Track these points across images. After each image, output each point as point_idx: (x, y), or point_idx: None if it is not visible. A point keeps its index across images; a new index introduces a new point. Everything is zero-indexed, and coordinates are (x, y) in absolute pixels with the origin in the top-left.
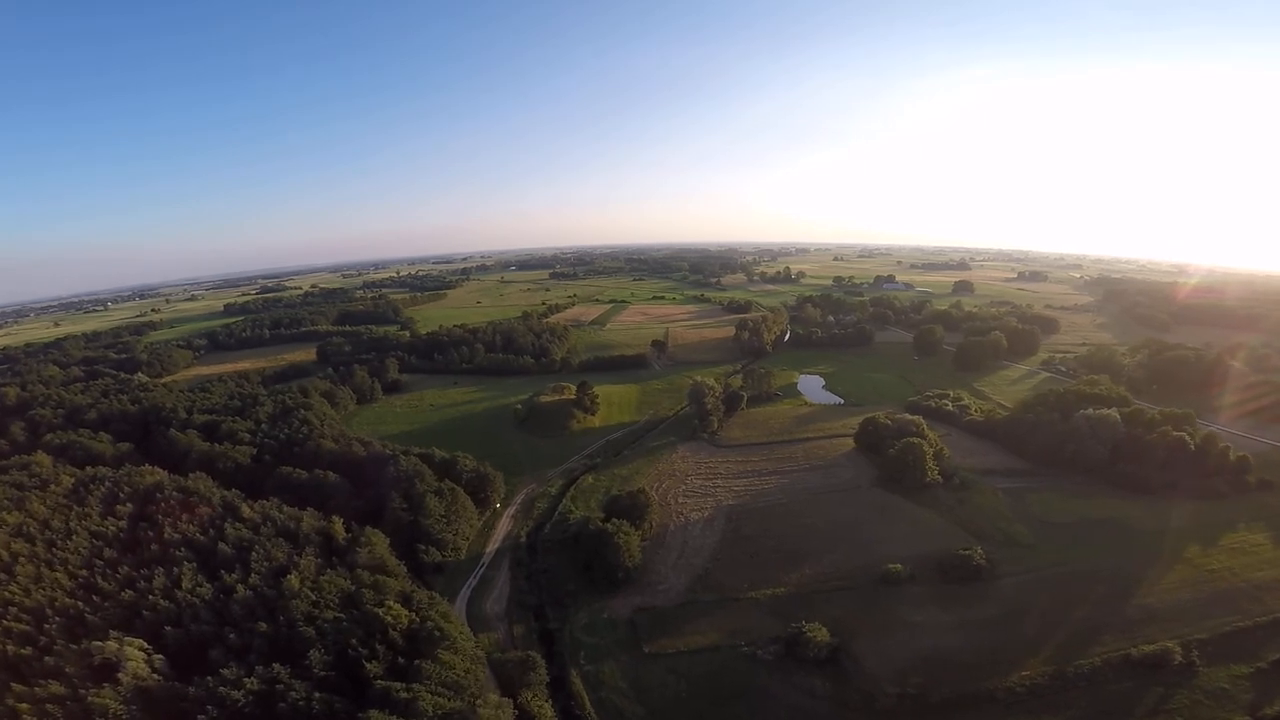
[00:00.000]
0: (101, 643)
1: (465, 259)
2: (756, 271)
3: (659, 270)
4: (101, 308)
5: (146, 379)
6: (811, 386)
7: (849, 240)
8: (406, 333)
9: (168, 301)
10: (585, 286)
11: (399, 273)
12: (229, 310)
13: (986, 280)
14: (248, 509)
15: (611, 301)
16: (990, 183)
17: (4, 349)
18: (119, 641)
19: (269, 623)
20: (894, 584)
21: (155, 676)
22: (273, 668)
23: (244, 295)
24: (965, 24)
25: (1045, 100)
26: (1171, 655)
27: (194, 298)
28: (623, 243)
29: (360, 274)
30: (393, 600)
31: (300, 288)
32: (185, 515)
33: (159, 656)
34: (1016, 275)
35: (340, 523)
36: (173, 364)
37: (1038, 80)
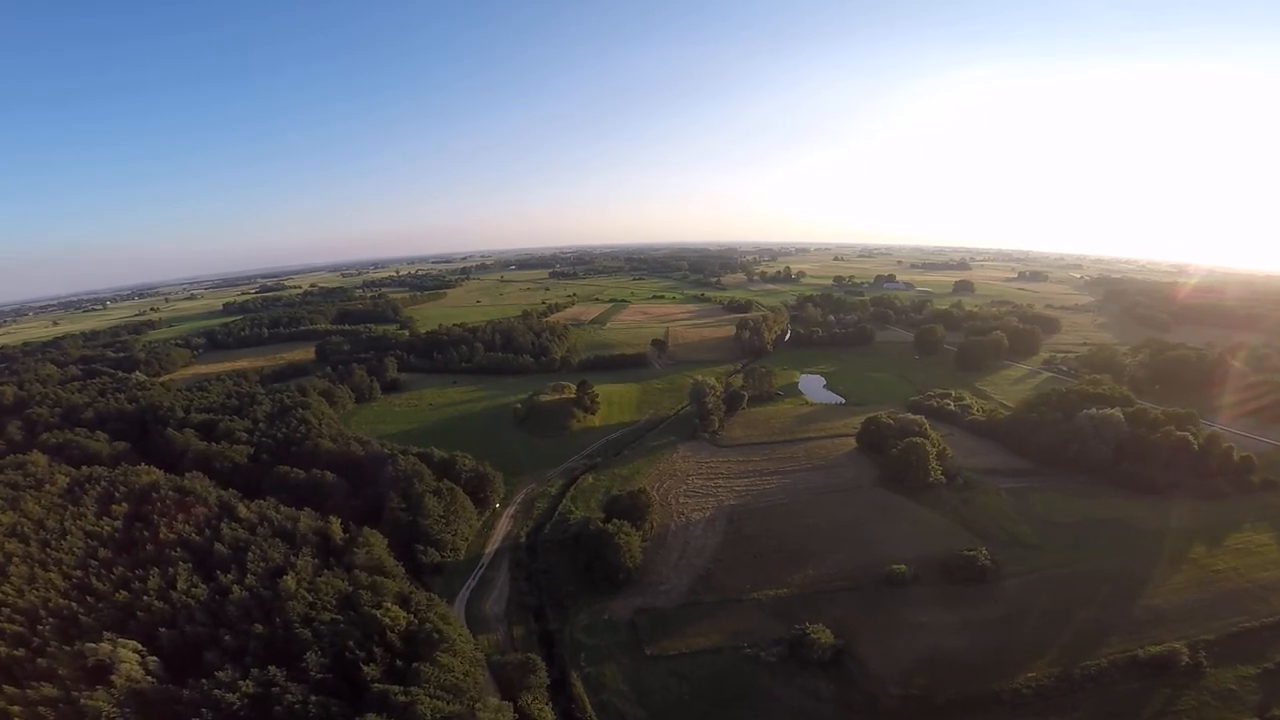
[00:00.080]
0: (95, 644)
1: (465, 258)
2: (756, 271)
3: (659, 270)
4: (100, 307)
5: (144, 378)
6: (812, 386)
7: (849, 240)
8: (406, 332)
9: (167, 300)
10: (585, 286)
11: (398, 272)
12: (228, 309)
13: (987, 280)
14: (244, 509)
15: (611, 301)
16: (990, 183)
17: (2, 348)
18: (113, 643)
19: (265, 624)
20: (898, 585)
21: (149, 679)
22: (269, 670)
23: (243, 294)
24: (965, 24)
25: (1045, 100)
26: (1178, 656)
27: (193, 297)
28: (622, 242)
29: (360, 273)
30: (391, 602)
31: (299, 287)
32: (181, 515)
33: (153, 658)
34: (1016, 275)
35: (338, 523)
36: (171, 363)
37: (1038, 80)
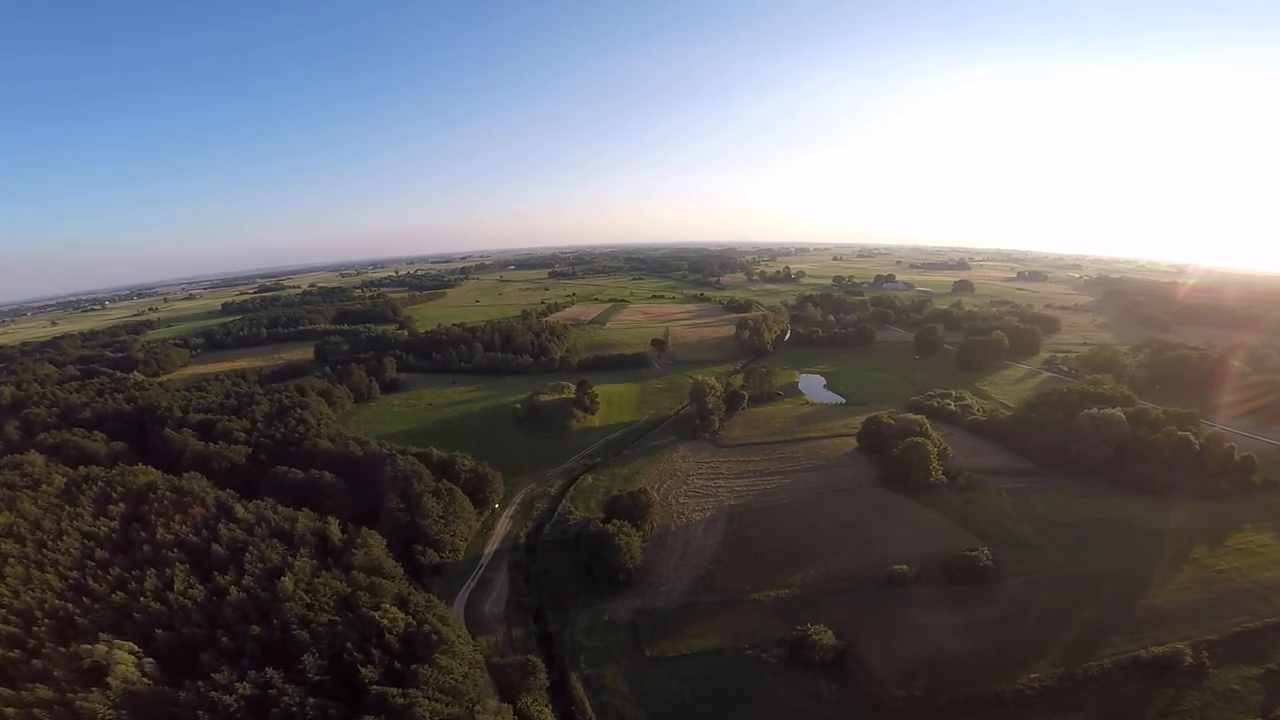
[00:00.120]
0: (91, 646)
1: (464, 258)
2: (756, 271)
3: (658, 269)
4: (99, 307)
5: (142, 378)
6: (813, 386)
7: (848, 240)
8: (405, 332)
9: (165, 300)
10: (584, 285)
11: (397, 272)
12: (227, 309)
13: (986, 280)
14: (242, 509)
15: (611, 300)
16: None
17: (0, 348)
18: (109, 644)
19: (262, 626)
20: (899, 585)
21: (145, 680)
22: (265, 672)
23: (242, 294)
24: (965, 24)
25: (1045, 100)
26: (1181, 657)
27: (192, 297)
28: (622, 242)
29: (359, 273)
30: (389, 603)
31: (298, 287)
32: (178, 515)
33: (149, 660)
34: (1016, 275)
35: (336, 523)
36: (169, 363)
37: (1038, 80)
